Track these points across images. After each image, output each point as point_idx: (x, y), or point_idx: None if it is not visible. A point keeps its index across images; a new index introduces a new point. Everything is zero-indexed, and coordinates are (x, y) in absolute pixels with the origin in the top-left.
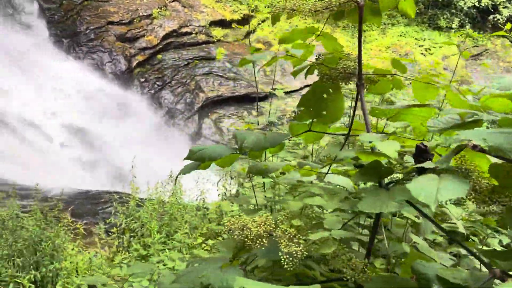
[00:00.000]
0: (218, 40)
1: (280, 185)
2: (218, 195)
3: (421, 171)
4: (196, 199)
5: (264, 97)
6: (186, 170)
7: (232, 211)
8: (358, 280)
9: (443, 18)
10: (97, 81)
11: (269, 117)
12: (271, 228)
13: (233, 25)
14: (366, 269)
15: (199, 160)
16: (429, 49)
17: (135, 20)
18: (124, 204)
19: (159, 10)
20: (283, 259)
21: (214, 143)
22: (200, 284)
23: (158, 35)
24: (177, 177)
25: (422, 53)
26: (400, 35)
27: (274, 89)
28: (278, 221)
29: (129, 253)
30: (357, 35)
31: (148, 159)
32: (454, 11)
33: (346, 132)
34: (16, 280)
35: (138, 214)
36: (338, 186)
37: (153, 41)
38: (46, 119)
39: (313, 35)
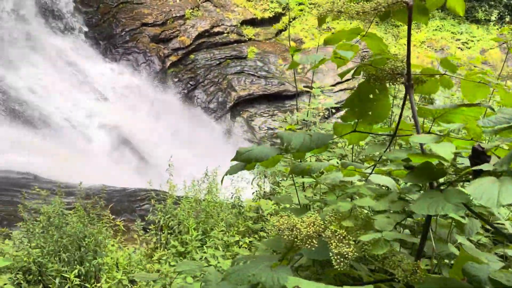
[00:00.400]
0: (250, 39)
1: (321, 184)
2: (253, 193)
3: (477, 174)
4: (231, 197)
5: (295, 95)
6: (232, 171)
7: (270, 209)
8: (410, 282)
9: (481, 10)
10: (132, 81)
11: (307, 116)
12: (320, 229)
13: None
14: (417, 270)
15: (246, 161)
16: (466, 43)
17: (168, 21)
18: (161, 202)
19: (191, 10)
20: (333, 259)
21: (247, 141)
22: (248, 282)
23: (191, 35)
24: (223, 177)
25: (459, 47)
26: (436, 29)
27: (310, 87)
28: (326, 222)
29: (167, 250)
30: (391, 31)
31: (182, 157)
32: (493, 2)
33: (392, 133)
34: (62, 274)
35: (176, 211)
36: (383, 187)
37: (186, 41)
38: (84, 118)
39: (358, 35)
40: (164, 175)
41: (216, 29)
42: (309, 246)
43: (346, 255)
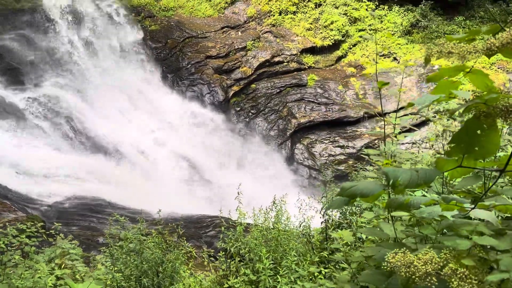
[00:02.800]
0: (309, 67)
1: (420, 220)
2: (322, 222)
3: None
4: (299, 226)
5: (357, 121)
6: (335, 206)
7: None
8: None
9: None
10: (198, 111)
11: (392, 146)
12: (439, 267)
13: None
14: None
15: (350, 196)
16: None
17: (231, 53)
18: (229, 229)
19: (252, 42)
20: None
21: (307, 168)
22: None
23: (252, 66)
24: (326, 211)
25: None
26: None
27: (378, 113)
28: (443, 260)
29: (238, 278)
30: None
31: (246, 185)
32: None
33: (501, 168)
34: None
35: (246, 239)
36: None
37: (247, 71)
38: (154, 147)
39: (461, 72)
40: (229, 202)
41: (276, 59)
42: (428, 284)
43: None
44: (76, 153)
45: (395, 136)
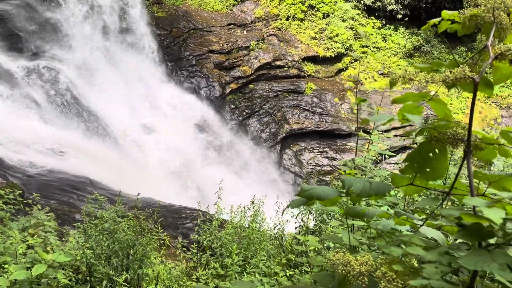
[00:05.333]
0: (309, 75)
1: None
2: (296, 227)
3: None
4: (274, 228)
5: (348, 135)
6: (294, 205)
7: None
8: None
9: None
10: (193, 103)
11: (364, 161)
12: (372, 269)
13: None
14: None
15: (308, 198)
16: None
17: (233, 51)
18: (206, 222)
19: (256, 42)
20: None
21: (293, 174)
22: None
23: (253, 66)
24: (284, 210)
25: None
26: (504, 86)
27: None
28: (377, 263)
29: (208, 270)
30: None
31: (230, 183)
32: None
33: (447, 190)
34: (111, 277)
35: (220, 234)
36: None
37: (247, 71)
38: (143, 133)
39: (423, 99)
40: (210, 197)
41: (277, 62)
42: (360, 283)
43: None
44: (64, 128)
45: (367, 152)
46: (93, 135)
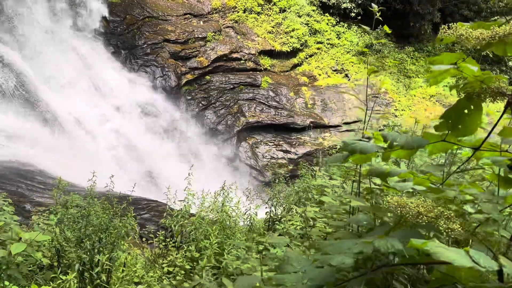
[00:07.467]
0: (265, 69)
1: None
2: (266, 213)
3: None
4: (245, 213)
5: (302, 129)
6: (333, 160)
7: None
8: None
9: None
10: (147, 93)
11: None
12: (429, 209)
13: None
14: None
15: (351, 152)
16: None
17: (190, 41)
18: (161, 213)
19: (213, 34)
20: (444, 232)
21: (248, 167)
22: (347, 251)
23: (209, 57)
24: (325, 164)
25: None
26: (446, 85)
27: (320, 125)
28: (434, 205)
29: (182, 253)
30: (403, 81)
31: (183, 172)
32: (504, 68)
33: (476, 146)
34: (83, 260)
35: (192, 218)
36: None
37: (204, 62)
38: (95, 122)
39: (459, 60)
40: (164, 189)
41: (234, 55)
42: (420, 221)
43: (454, 231)
44: (11, 114)
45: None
46: (42, 123)
